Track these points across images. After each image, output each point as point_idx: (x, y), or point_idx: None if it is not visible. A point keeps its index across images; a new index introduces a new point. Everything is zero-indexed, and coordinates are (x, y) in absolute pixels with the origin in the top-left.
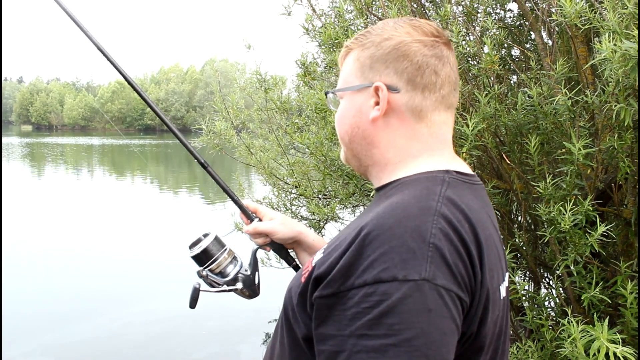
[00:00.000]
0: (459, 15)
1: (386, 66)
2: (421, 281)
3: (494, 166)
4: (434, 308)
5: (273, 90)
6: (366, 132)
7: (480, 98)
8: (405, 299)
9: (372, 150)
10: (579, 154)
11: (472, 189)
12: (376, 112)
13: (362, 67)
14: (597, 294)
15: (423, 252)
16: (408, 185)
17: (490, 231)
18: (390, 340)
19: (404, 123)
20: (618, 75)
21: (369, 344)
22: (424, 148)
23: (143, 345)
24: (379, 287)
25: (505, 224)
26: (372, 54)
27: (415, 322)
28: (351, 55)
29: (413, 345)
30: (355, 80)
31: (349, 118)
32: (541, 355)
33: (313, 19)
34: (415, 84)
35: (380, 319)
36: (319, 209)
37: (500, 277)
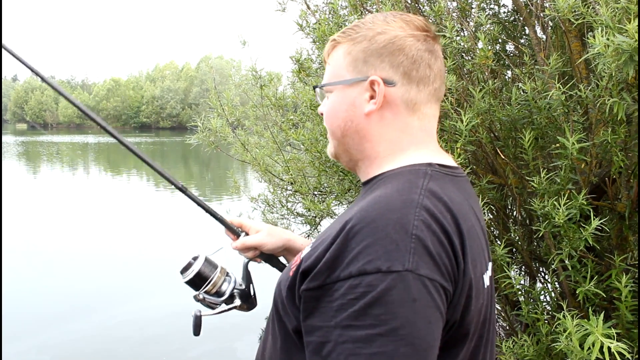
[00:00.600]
0: (453, 10)
1: (381, 60)
2: (405, 272)
3: (488, 161)
4: (418, 298)
5: (268, 86)
6: (360, 125)
7: (474, 93)
8: (389, 290)
9: (364, 145)
10: (573, 148)
11: (454, 181)
12: (372, 105)
13: (354, 60)
14: (592, 288)
15: (406, 244)
16: (391, 179)
17: (472, 222)
18: (376, 330)
19: (397, 116)
20: (611, 70)
21: (355, 334)
22: (413, 141)
23: (139, 343)
24: (364, 279)
25: (500, 218)
26: (365, 47)
27: (401, 312)
28: (340, 49)
29: (399, 334)
30: (347, 74)
31: (341, 112)
32: (537, 349)
33: (307, 15)
34: (411, 78)
35: (366, 310)
36: (314, 205)
37: (484, 267)
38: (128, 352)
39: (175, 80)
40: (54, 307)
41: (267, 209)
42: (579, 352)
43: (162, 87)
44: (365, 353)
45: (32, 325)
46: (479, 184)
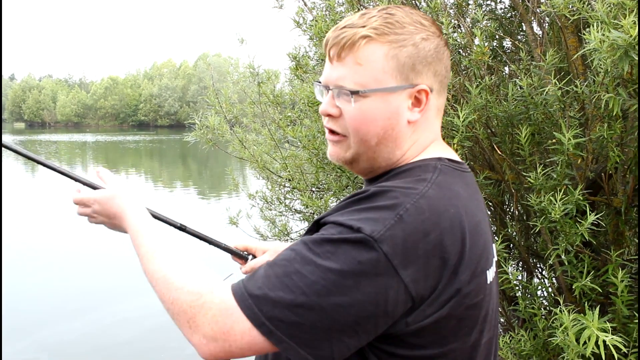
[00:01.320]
0: (449, 6)
1: (428, 68)
2: (368, 237)
3: (485, 157)
4: (364, 263)
5: (266, 84)
6: (400, 133)
7: (471, 89)
8: (347, 241)
9: (395, 152)
10: (569, 144)
11: (462, 176)
12: (417, 114)
13: (401, 67)
14: (589, 283)
15: (386, 219)
16: (401, 174)
17: (479, 217)
18: (316, 258)
19: (427, 121)
20: (607, 65)
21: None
22: (432, 137)
23: (137, 341)
24: (338, 227)
25: (498, 214)
26: (412, 53)
27: (342, 260)
28: (377, 48)
29: (327, 275)
30: (391, 80)
31: (382, 120)
32: (534, 344)
33: (304, 12)
34: (443, 85)
35: (322, 242)
36: (312, 202)
37: (489, 263)
38: (126, 349)
39: (173, 78)
40: (53, 305)
41: (265, 205)
42: (575, 346)
43: (160, 85)
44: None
45: (31, 323)
46: (476, 179)
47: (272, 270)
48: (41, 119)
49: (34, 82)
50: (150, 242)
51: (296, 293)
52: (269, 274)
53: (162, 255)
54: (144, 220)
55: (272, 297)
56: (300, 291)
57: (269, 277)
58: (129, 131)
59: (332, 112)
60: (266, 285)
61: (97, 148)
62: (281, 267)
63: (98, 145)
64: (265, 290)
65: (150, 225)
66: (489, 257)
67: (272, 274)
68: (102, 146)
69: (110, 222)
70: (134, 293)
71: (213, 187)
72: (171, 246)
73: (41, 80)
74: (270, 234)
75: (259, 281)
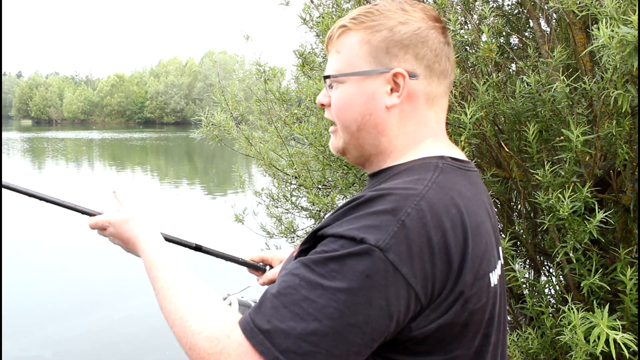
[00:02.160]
0: (456, 3)
1: (405, 52)
2: (374, 247)
3: (492, 154)
4: (373, 276)
5: (272, 81)
6: (378, 119)
7: (478, 86)
8: (352, 255)
9: (380, 139)
10: (578, 141)
11: (466, 175)
12: (395, 99)
13: (374, 51)
14: (597, 281)
15: (389, 226)
16: (402, 173)
17: (482, 218)
18: (322, 280)
19: (416, 109)
20: (616, 62)
21: (306, 274)
22: (429, 133)
23: (141, 338)
24: (339, 241)
25: (505, 212)
26: (386, 37)
27: (350, 278)
28: (352, 36)
29: (336, 296)
30: (365, 65)
31: (358, 105)
32: (541, 342)
33: (311, 9)
34: (433, 71)
35: (326, 261)
36: (318, 199)
37: (492, 265)
38: (130, 347)
39: (179, 76)
40: (56, 303)
41: (272, 203)
42: (583, 344)
43: (166, 83)
44: (302, 293)
45: (34, 321)
46: (484, 177)
47: (278, 301)
48: (48, 116)
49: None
50: (166, 277)
51: (307, 320)
52: (275, 305)
53: (178, 294)
54: (158, 250)
55: (283, 328)
56: (312, 317)
57: (277, 308)
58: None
59: (324, 101)
60: (275, 317)
61: (104, 145)
62: (287, 296)
63: (104, 143)
64: (275, 322)
65: (165, 256)
66: (492, 260)
67: (279, 304)
68: (108, 143)
69: (124, 246)
70: (139, 290)
71: (219, 184)
72: (187, 282)
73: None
74: (276, 231)
75: (267, 314)
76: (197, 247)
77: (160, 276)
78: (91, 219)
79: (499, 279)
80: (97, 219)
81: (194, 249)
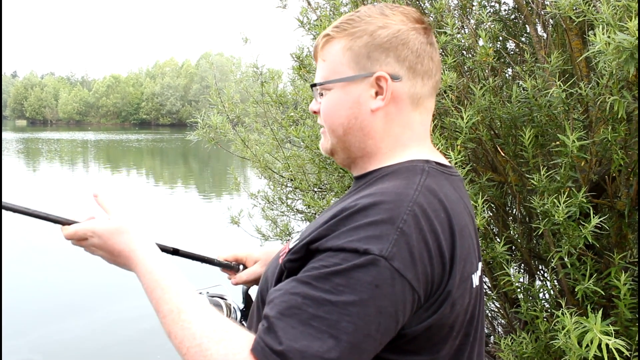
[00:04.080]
0: (454, 8)
1: (386, 55)
2: (379, 257)
3: (488, 159)
4: (381, 285)
5: (269, 83)
6: (364, 122)
7: (475, 91)
8: (358, 268)
9: (367, 142)
10: (573, 146)
11: (450, 179)
12: (379, 102)
13: (356, 56)
14: (591, 286)
15: (389, 234)
16: (390, 176)
17: (466, 221)
18: (329, 296)
19: (401, 111)
20: (612, 68)
21: (309, 292)
22: (413, 136)
23: (132, 342)
24: (339, 254)
25: (500, 216)
26: (367, 42)
27: (359, 290)
28: (335, 44)
29: (348, 309)
30: (348, 71)
31: (344, 110)
32: (535, 346)
33: (308, 12)
34: (416, 72)
35: (329, 276)
36: (314, 202)
37: (474, 267)
38: (122, 351)
39: (175, 77)
40: (47, 306)
41: (267, 205)
42: (577, 349)
43: (162, 84)
44: (309, 312)
45: (24, 324)
46: (479, 181)
47: (284, 322)
48: (43, 117)
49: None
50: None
51: (322, 338)
52: (282, 326)
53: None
54: (160, 267)
55: (297, 348)
56: (327, 335)
57: (285, 329)
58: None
59: (315, 109)
60: (287, 338)
61: (99, 146)
62: (294, 317)
63: (99, 144)
64: (288, 342)
65: (169, 274)
66: (474, 261)
67: (286, 325)
68: (103, 145)
69: (111, 258)
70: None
71: (214, 186)
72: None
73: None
74: (271, 233)
75: (278, 335)
76: (174, 251)
77: (166, 297)
78: (67, 228)
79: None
80: (76, 228)
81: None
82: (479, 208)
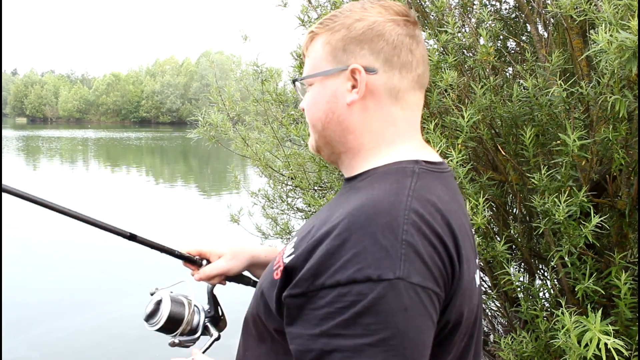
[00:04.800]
0: (454, 6)
1: (361, 47)
2: (396, 280)
3: (489, 158)
4: (410, 306)
5: (269, 81)
6: (342, 117)
7: (475, 90)
8: (380, 299)
9: (346, 136)
10: (574, 145)
11: (441, 178)
12: (354, 95)
13: (333, 50)
14: (591, 285)
15: (396, 250)
16: (377, 179)
17: (462, 221)
18: (366, 340)
19: (380, 106)
20: (613, 67)
21: (343, 343)
22: (398, 132)
23: (130, 340)
24: (353, 288)
25: (501, 215)
26: (343, 36)
27: (392, 321)
28: (318, 40)
29: (389, 344)
30: (327, 65)
31: (322, 104)
32: (535, 345)
33: (309, 10)
34: (393, 64)
35: (356, 319)
36: (315, 200)
37: (475, 266)
38: (119, 348)
39: (175, 75)
40: (45, 304)
41: (267, 204)
42: (577, 348)
43: (162, 82)
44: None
45: (22, 322)
46: (480, 180)
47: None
48: (43, 115)
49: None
50: None
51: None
52: None
53: None
54: None
55: None
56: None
57: None
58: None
59: (301, 106)
60: None
61: (99, 144)
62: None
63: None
64: None
65: None
66: (474, 261)
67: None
68: (103, 143)
69: None
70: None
71: (214, 184)
72: None
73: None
74: (272, 232)
75: None
76: (131, 237)
77: None
78: None
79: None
80: None
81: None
82: (479, 207)
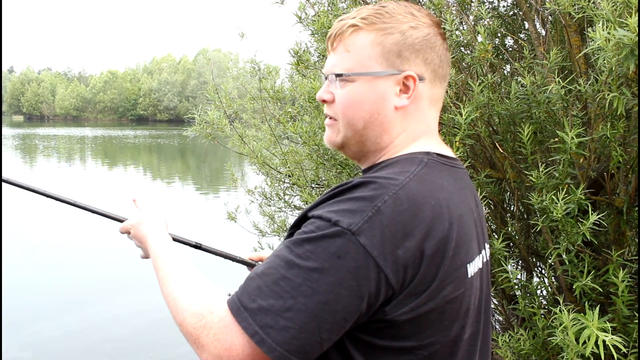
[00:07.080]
0: (452, 4)
1: (416, 56)
2: (346, 230)
3: (487, 155)
4: (343, 257)
5: (267, 79)
6: (386, 118)
7: (473, 87)
8: (325, 237)
9: (383, 137)
10: (572, 142)
11: (451, 171)
12: (404, 100)
13: (386, 53)
14: (589, 283)
15: (364, 210)
16: (388, 166)
17: (462, 211)
18: (299, 261)
19: (420, 110)
20: (611, 64)
21: (285, 254)
22: (425, 130)
23: (127, 339)
24: (316, 222)
25: (498, 212)
26: (398, 40)
27: (322, 258)
28: (364, 36)
29: (310, 275)
30: (377, 66)
31: (368, 104)
32: (533, 343)
33: (306, 7)
34: (437, 75)
35: (302, 242)
36: (312, 198)
37: (470, 256)
38: (115, 347)
39: (172, 73)
40: (38, 303)
41: (265, 201)
42: (574, 346)
43: (160, 80)
44: (281, 273)
45: (14, 322)
46: (477, 177)
47: (261, 280)
48: (40, 112)
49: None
50: (165, 266)
51: (285, 298)
52: (259, 284)
53: (173, 278)
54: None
55: (264, 305)
56: (289, 295)
57: (260, 287)
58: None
59: (326, 98)
60: (258, 296)
61: (96, 142)
62: (269, 276)
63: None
64: (259, 300)
65: (168, 249)
66: (470, 251)
67: (263, 283)
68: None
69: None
70: (124, 290)
71: (211, 182)
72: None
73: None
74: (269, 229)
75: (252, 293)
76: (196, 246)
77: (161, 266)
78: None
79: (480, 273)
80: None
81: (193, 247)
82: None
